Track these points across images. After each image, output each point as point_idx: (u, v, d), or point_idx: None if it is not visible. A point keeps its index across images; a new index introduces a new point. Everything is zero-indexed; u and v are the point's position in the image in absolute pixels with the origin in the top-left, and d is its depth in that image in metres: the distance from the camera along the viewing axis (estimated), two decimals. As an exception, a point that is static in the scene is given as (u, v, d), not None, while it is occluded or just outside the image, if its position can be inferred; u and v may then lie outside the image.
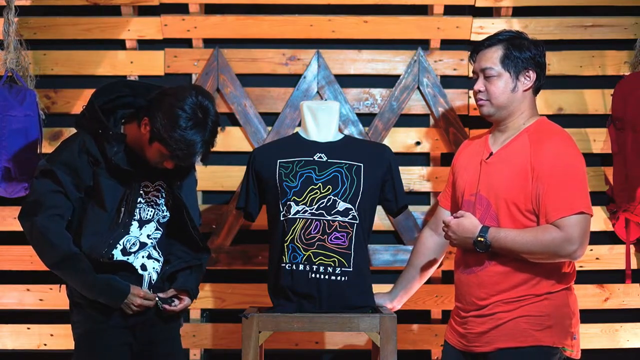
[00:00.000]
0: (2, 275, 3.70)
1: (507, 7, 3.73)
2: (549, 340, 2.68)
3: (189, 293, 2.91)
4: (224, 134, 3.73)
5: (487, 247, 2.70)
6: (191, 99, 2.68)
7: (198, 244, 2.96)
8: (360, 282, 2.96)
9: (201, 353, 3.73)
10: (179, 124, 2.65)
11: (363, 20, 3.73)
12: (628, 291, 3.71)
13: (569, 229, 2.63)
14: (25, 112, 3.46)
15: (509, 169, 2.74)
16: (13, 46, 3.53)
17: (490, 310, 2.74)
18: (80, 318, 2.83)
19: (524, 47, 2.80)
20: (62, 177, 2.73)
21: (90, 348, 2.81)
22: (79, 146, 2.77)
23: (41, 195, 2.75)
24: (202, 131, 2.69)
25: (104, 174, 2.77)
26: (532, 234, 2.66)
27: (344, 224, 2.95)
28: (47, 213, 2.73)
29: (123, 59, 3.74)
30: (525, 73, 2.79)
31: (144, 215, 2.87)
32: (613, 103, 3.60)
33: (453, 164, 3.05)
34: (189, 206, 2.91)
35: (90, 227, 2.77)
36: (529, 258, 2.68)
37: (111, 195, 2.78)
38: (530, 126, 2.81)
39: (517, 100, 2.80)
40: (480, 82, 2.83)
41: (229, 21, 3.73)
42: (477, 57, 2.86)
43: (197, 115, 2.68)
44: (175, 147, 2.67)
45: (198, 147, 2.69)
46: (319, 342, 3.72)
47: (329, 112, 3.11)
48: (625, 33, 3.75)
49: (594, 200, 3.69)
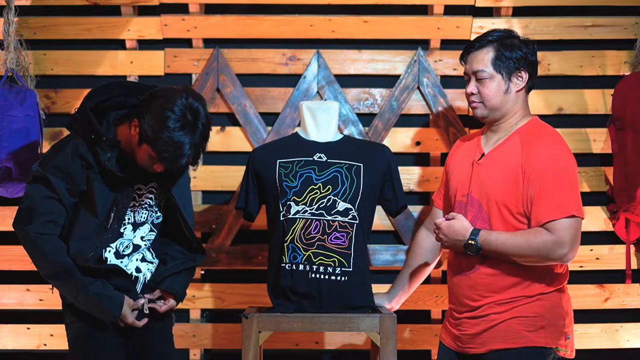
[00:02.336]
0: (2, 275, 3.70)
1: (507, 7, 3.72)
2: (542, 340, 2.68)
3: (175, 296, 2.90)
4: (223, 134, 3.73)
5: (477, 250, 2.69)
6: (181, 101, 2.63)
7: (192, 244, 2.95)
8: (360, 282, 2.96)
9: (201, 353, 3.73)
10: (167, 125, 2.60)
11: (363, 20, 3.73)
12: (628, 291, 3.71)
13: (560, 232, 2.61)
14: (25, 112, 3.46)
15: (501, 171, 2.74)
16: (13, 46, 3.53)
17: (484, 311, 2.74)
18: (75, 318, 2.81)
19: (514, 46, 2.77)
20: (55, 182, 2.70)
21: (85, 349, 2.80)
22: (72, 150, 2.73)
23: (34, 202, 2.73)
24: (191, 133, 2.64)
25: (97, 179, 2.74)
26: (523, 237, 2.65)
27: (343, 224, 2.95)
28: (40, 220, 2.71)
29: (123, 59, 3.74)
30: (517, 73, 2.78)
31: (138, 218, 2.86)
32: (613, 103, 3.60)
33: (446, 163, 3.04)
34: (182, 207, 2.89)
35: (79, 231, 2.74)
36: (520, 261, 2.67)
37: (103, 201, 2.75)
38: (522, 127, 2.79)
39: (511, 101, 2.79)
40: (472, 85, 2.82)
41: (229, 21, 3.73)
42: (467, 58, 2.84)
43: (187, 117, 2.63)
44: (163, 149, 2.62)
45: (186, 149, 2.63)
46: (319, 342, 3.72)
47: (328, 112, 3.11)
48: (625, 33, 3.74)
49: (594, 200, 3.72)
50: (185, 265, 2.94)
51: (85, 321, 2.79)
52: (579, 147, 3.71)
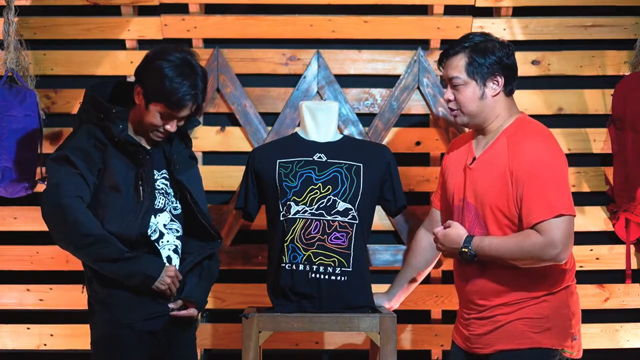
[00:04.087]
0: (2, 275, 3.70)
1: (507, 7, 3.72)
2: (547, 342, 2.68)
3: (196, 304, 2.88)
4: (224, 134, 3.73)
5: (472, 257, 2.69)
6: (174, 54, 2.77)
7: (207, 230, 2.93)
8: (359, 282, 2.96)
9: (201, 353, 3.73)
10: (165, 74, 2.72)
11: (363, 20, 3.73)
12: (628, 291, 3.71)
13: (549, 233, 2.59)
14: (25, 112, 3.46)
15: (491, 175, 2.72)
16: (13, 46, 3.53)
17: (491, 312, 2.73)
18: (102, 319, 2.79)
19: (488, 51, 2.73)
20: (77, 161, 2.74)
21: (109, 351, 2.78)
22: (87, 132, 2.80)
23: (60, 179, 2.73)
24: (191, 76, 2.75)
25: (114, 156, 2.78)
26: (514, 241, 2.64)
27: (343, 224, 2.95)
28: (69, 194, 2.70)
29: (123, 59, 3.73)
30: (492, 78, 2.74)
31: (156, 203, 2.85)
32: (613, 103, 3.59)
33: (443, 164, 3.03)
34: (192, 191, 2.89)
35: (111, 211, 2.75)
36: (515, 264, 2.66)
37: (124, 177, 2.78)
38: (509, 127, 2.76)
39: (488, 106, 2.76)
40: (449, 91, 2.80)
41: (229, 21, 3.72)
42: (444, 64, 2.81)
43: (183, 66, 2.75)
44: (169, 95, 2.72)
45: (189, 89, 2.74)
46: (319, 342, 3.72)
47: (328, 112, 3.11)
48: (625, 33, 3.74)
49: (594, 200, 3.72)
50: (202, 255, 2.91)
51: (113, 324, 2.76)
52: (579, 147, 3.71)
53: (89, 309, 2.85)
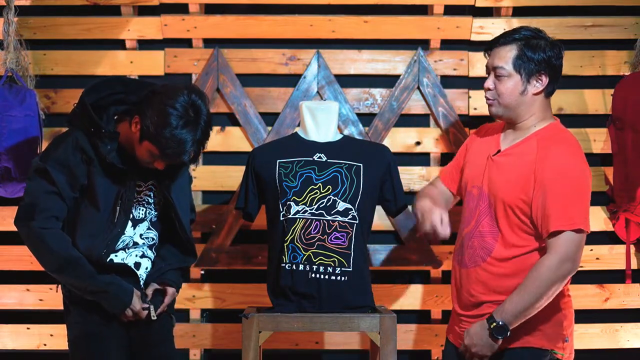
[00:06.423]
0: (2, 275, 3.70)
1: (507, 7, 3.72)
2: (538, 342, 2.67)
3: (171, 284, 2.87)
4: (224, 134, 3.73)
5: (506, 329, 2.60)
6: (183, 98, 2.63)
7: (186, 246, 2.93)
8: (359, 282, 2.96)
9: (201, 353, 3.73)
10: (169, 122, 2.60)
11: (363, 20, 3.73)
12: (628, 291, 3.71)
13: (563, 246, 2.56)
14: (25, 112, 3.46)
15: (512, 172, 2.69)
16: (13, 46, 3.53)
17: (482, 311, 2.72)
18: (78, 319, 2.80)
19: (539, 48, 2.71)
20: (56, 176, 2.68)
21: (86, 350, 2.79)
22: (73, 143, 2.72)
23: (36, 197, 2.71)
24: (194, 130, 2.64)
25: (98, 173, 2.73)
26: (530, 281, 2.58)
27: (343, 224, 2.95)
28: (42, 215, 2.69)
29: (123, 59, 3.74)
30: (537, 76, 2.71)
31: (137, 215, 2.85)
32: (613, 103, 3.60)
33: (466, 143, 2.98)
34: (179, 207, 2.87)
35: (85, 227, 2.74)
36: (546, 301, 2.59)
37: (104, 195, 2.74)
38: (541, 130, 2.73)
39: (526, 103, 2.73)
40: (490, 80, 2.76)
41: (229, 21, 3.73)
42: (491, 52, 2.77)
43: (189, 113, 2.63)
44: (165, 146, 2.62)
45: (188, 146, 2.64)
46: (319, 342, 3.72)
47: (328, 112, 3.11)
48: (625, 33, 3.74)
49: (594, 200, 3.69)
50: (171, 267, 2.90)
51: (89, 322, 2.77)
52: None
53: (64, 309, 2.86)
